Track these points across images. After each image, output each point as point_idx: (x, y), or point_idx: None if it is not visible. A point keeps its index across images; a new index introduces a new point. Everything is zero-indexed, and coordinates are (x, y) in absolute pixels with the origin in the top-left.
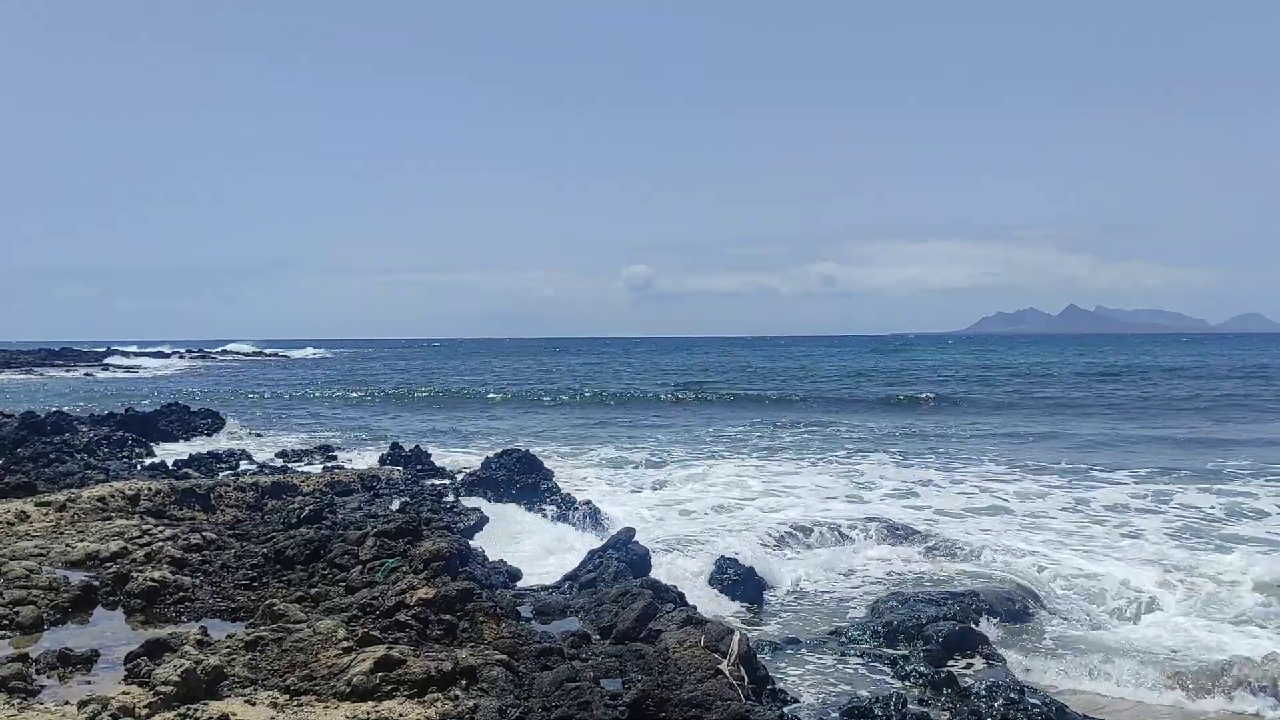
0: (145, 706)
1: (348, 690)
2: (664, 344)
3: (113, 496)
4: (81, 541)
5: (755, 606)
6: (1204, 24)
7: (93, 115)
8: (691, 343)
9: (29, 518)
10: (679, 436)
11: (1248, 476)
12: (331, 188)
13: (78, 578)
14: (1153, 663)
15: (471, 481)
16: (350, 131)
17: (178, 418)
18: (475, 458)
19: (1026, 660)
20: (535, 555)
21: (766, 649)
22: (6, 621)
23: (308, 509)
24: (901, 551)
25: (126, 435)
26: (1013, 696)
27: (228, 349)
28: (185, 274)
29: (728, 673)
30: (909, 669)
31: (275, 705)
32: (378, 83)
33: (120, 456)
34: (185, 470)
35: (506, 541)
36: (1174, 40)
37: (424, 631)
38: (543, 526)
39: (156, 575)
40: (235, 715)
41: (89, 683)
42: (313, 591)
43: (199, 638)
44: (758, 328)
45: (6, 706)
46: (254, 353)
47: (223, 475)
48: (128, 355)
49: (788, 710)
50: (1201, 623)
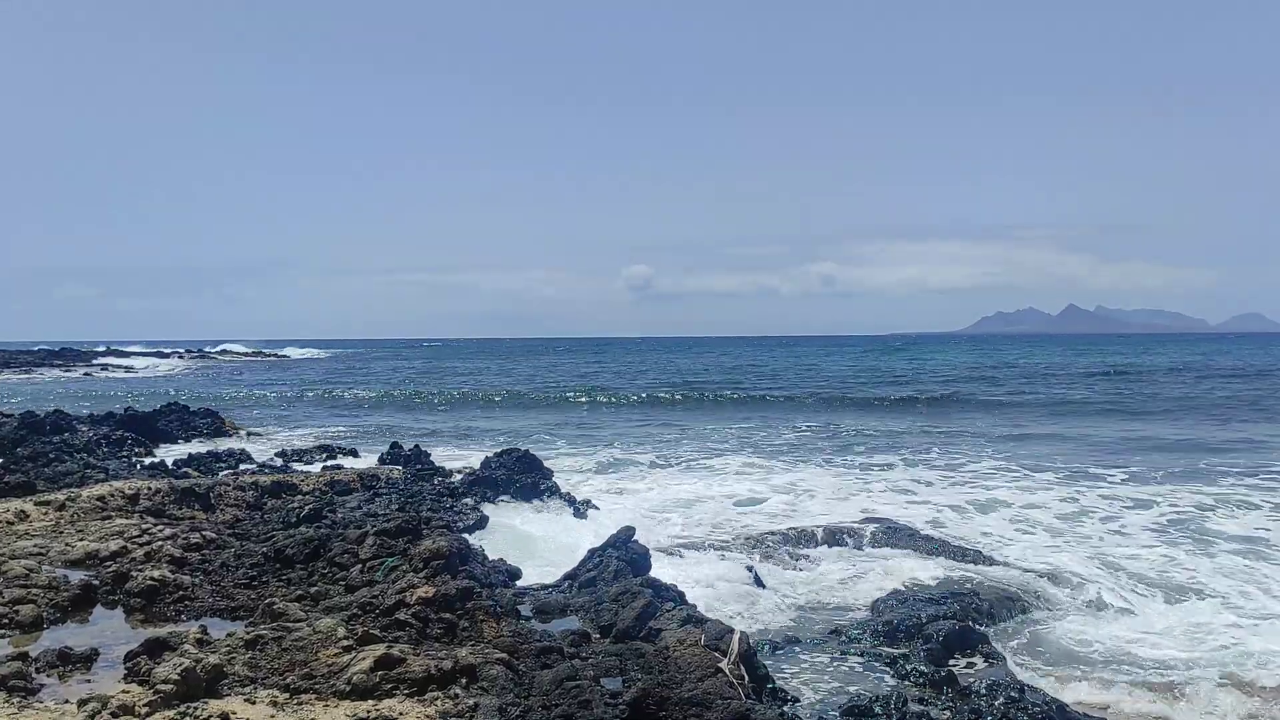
0: (145, 705)
1: (348, 689)
2: (663, 344)
3: (112, 496)
4: (81, 541)
5: (755, 605)
6: (1204, 24)
7: (93, 115)
8: (691, 343)
9: (28, 517)
10: (681, 436)
11: (1245, 477)
12: (331, 188)
13: (77, 577)
14: (1153, 662)
15: (471, 481)
16: (350, 131)
17: (177, 418)
18: (475, 457)
19: (1027, 659)
20: (535, 554)
21: (767, 648)
22: (6, 620)
23: (307, 508)
24: (902, 551)
25: (126, 435)
26: (1013, 695)
27: (227, 349)
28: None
29: (728, 671)
30: (909, 668)
31: (275, 704)
32: (378, 83)
33: (120, 456)
34: (185, 470)
35: (506, 540)
36: (1174, 40)
37: (424, 630)
38: (542, 525)
39: (156, 574)
40: (235, 714)
41: (89, 681)
42: (312, 590)
43: (199, 636)
44: (758, 328)
45: (6, 705)
46: (253, 353)
47: (222, 475)
48: (127, 355)
49: (788, 709)
50: (1205, 624)
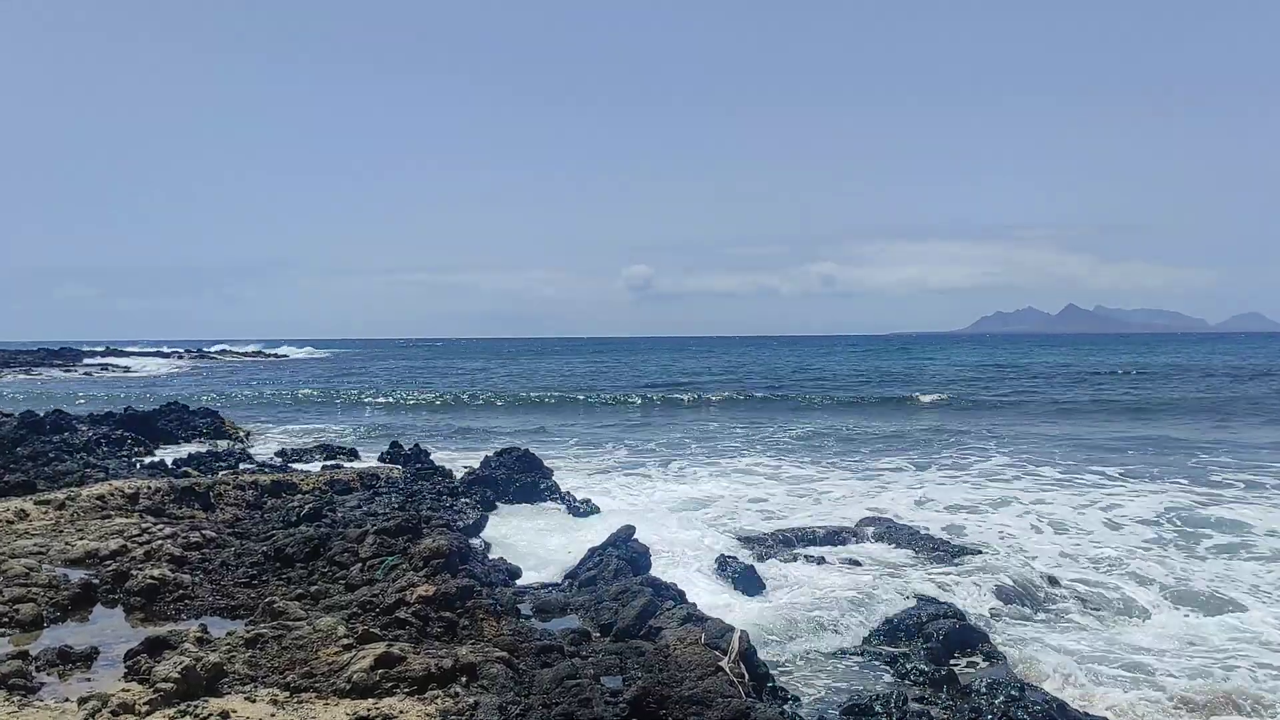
0: (145, 703)
1: (348, 687)
2: (664, 343)
3: (112, 495)
4: (81, 540)
5: (755, 604)
6: (1204, 24)
7: (93, 115)
8: (692, 342)
9: (28, 516)
10: (684, 436)
11: (1251, 477)
12: (331, 188)
13: (77, 576)
14: (1153, 661)
15: (471, 480)
16: (350, 131)
17: (177, 417)
18: (475, 457)
19: (1027, 658)
20: (535, 553)
21: (767, 646)
22: (6, 619)
23: (307, 507)
24: (903, 550)
25: (125, 435)
26: (1013, 694)
27: (227, 349)
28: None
29: (728, 670)
30: (909, 667)
31: (275, 702)
32: (378, 83)
33: (119, 455)
34: (184, 469)
35: (505, 539)
36: (1174, 40)
37: (424, 629)
38: (542, 525)
39: (156, 573)
40: (235, 712)
41: (89, 680)
42: (312, 589)
43: (199, 635)
44: (758, 327)
45: (7, 704)
46: (253, 352)
47: (222, 474)
48: (127, 355)
49: (788, 707)
50: (1204, 624)
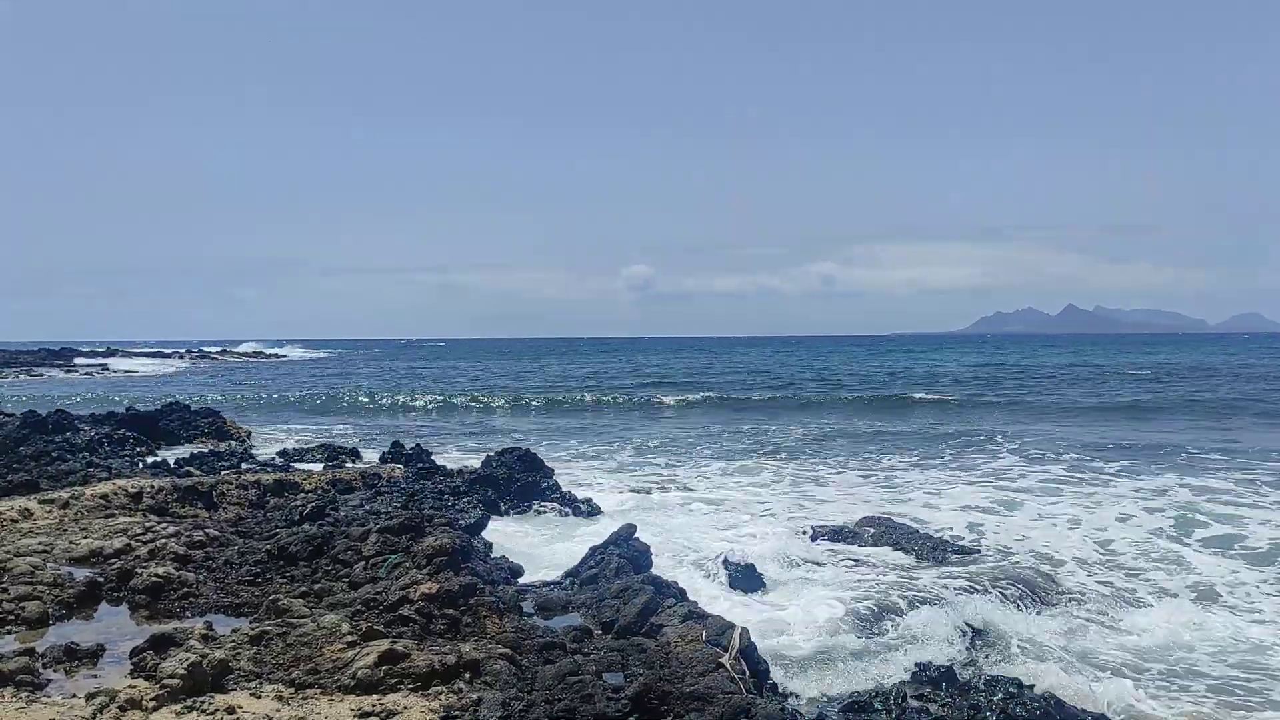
0: (152, 699)
1: (352, 683)
2: (665, 344)
3: (116, 494)
4: (85, 538)
5: (756, 601)
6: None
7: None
8: (693, 343)
9: (33, 515)
10: (684, 436)
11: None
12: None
13: (82, 574)
14: (1154, 661)
15: (473, 479)
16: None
17: (179, 417)
18: (477, 457)
19: (1027, 655)
20: (536, 552)
21: (767, 643)
22: (12, 617)
23: (310, 506)
24: (906, 547)
25: (128, 434)
26: (1011, 691)
27: (228, 349)
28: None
29: (729, 666)
30: (910, 663)
31: (280, 698)
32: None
33: (122, 455)
34: (187, 469)
35: (508, 538)
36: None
37: (427, 626)
38: (543, 524)
39: (160, 571)
40: (241, 708)
41: (95, 676)
42: (316, 587)
43: (204, 632)
44: (759, 328)
45: (14, 699)
46: (254, 353)
47: (224, 473)
48: (128, 356)
49: (789, 703)
50: (1206, 623)
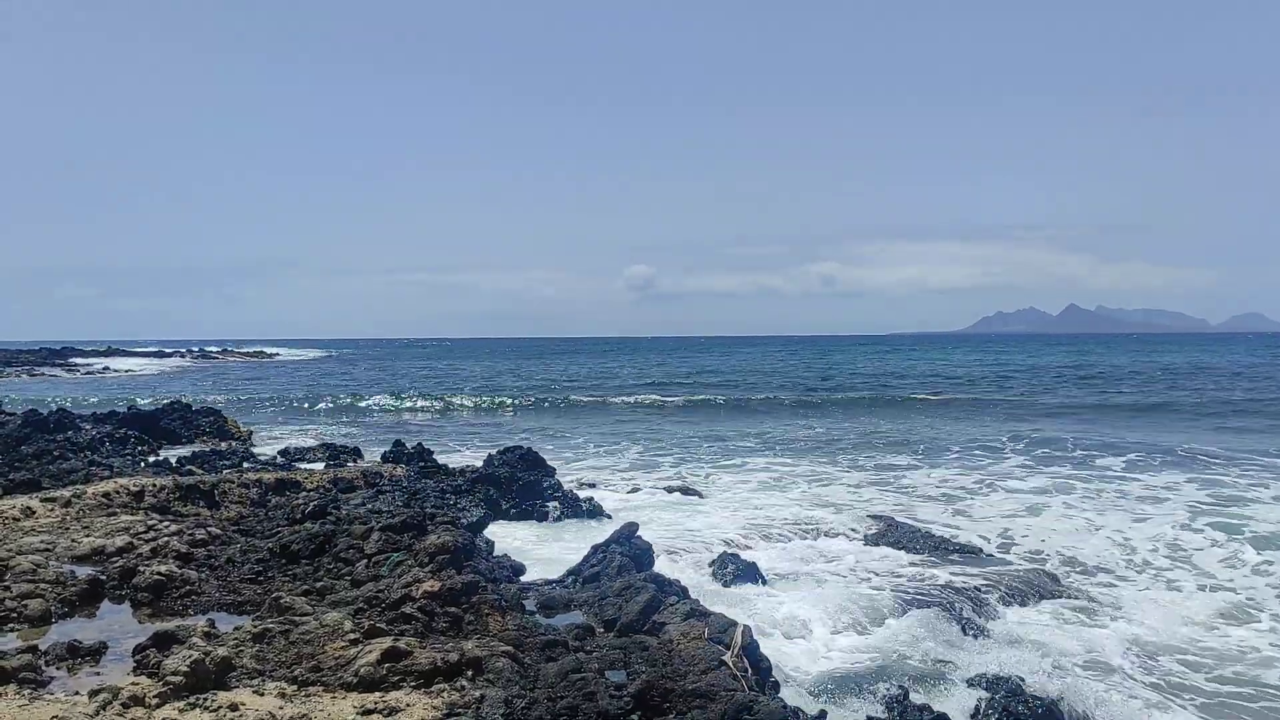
0: (155, 696)
1: (355, 681)
2: (665, 344)
3: (117, 492)
4: (87, 537)
5: (759, 600)
6: (1204, 24)
7: (93, 115)
8: (694, 343)
9: (35, 513)
10: (686, 436)
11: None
12: (332, 187)
13: (84, 572)
14: (1159, 659)
15: (475, 478)
16: (350, 131)
17: (180, 417)
18: (478, 455)
19: (1030, 654)
20: (538, 550)
21: (769, 641)
22: (15, 614)
23: (312, 504)
24: (907, 546)
25: (129, 433)
26: (1012, 689)
27: (229, 349)
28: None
29: (731, 664)
30: (910, 661)
31: (283, 695)
32: (378, 83)
33: (124, 454)
34: (189, 467)
35: (510, 536)
36: (1174, 40)
37: (430, 624)
38: (545, 522)
39: (163, 569)
40: (244, 705)
41: (98, 674)
42: (318, 585)
43: (206, 630)
44: (759, 327)
45: (18, 696)
46: (255, 353)
47: (226, 472)
48: (129, 355)
49: (790, 701)
50: (1210, 622)
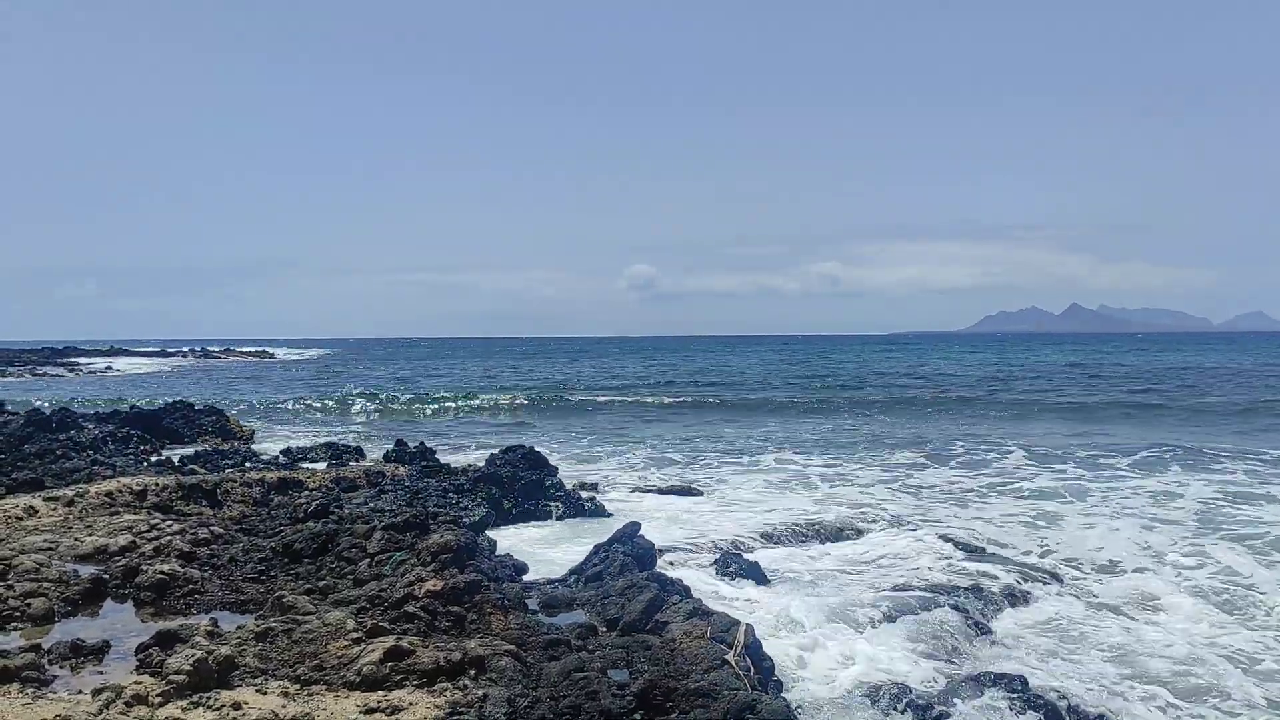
0: (158, 695)
1: (357, 680)
2: (668, 343)
3: (120, 492)
4: (90, 536)
5: (762, 598)
6: (1204, 24)
7: (94, 115)
8: (696, 342)
9: (37, 513)
10: (690, 436)
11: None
12: (333, 187)
13: (87, 571)
14: (1160, 659)
15: (477, 477)
16: (350, 131)
17: (182, 416)
18: (480, 455)
19: (1034, 653)
20: (541, 549)
21: (773, 639)
22: (18, 614)
23: (314, 504)
24: (917, 545)
25: (132, 433)
26: (1016, 688)
27: (231, 349)
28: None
29: (734, 663)
30: (914, 659)
31: (286, 694)
32: (378, 83)
33: (126, 453)
34: (191, 466)
35: (512, 536)
36: (1175, 40)
37: (432, 623)
38: (548, 522)
39: (165, 568)
40: (247, 704)
41: (101, 673)
42: (321, 584)
43: (209, 629)
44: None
45: (21, 695)
46: (257, 352)
47: (228, 471)
48: (132, 355)
49: (794, 701)
50: (1221, 622)
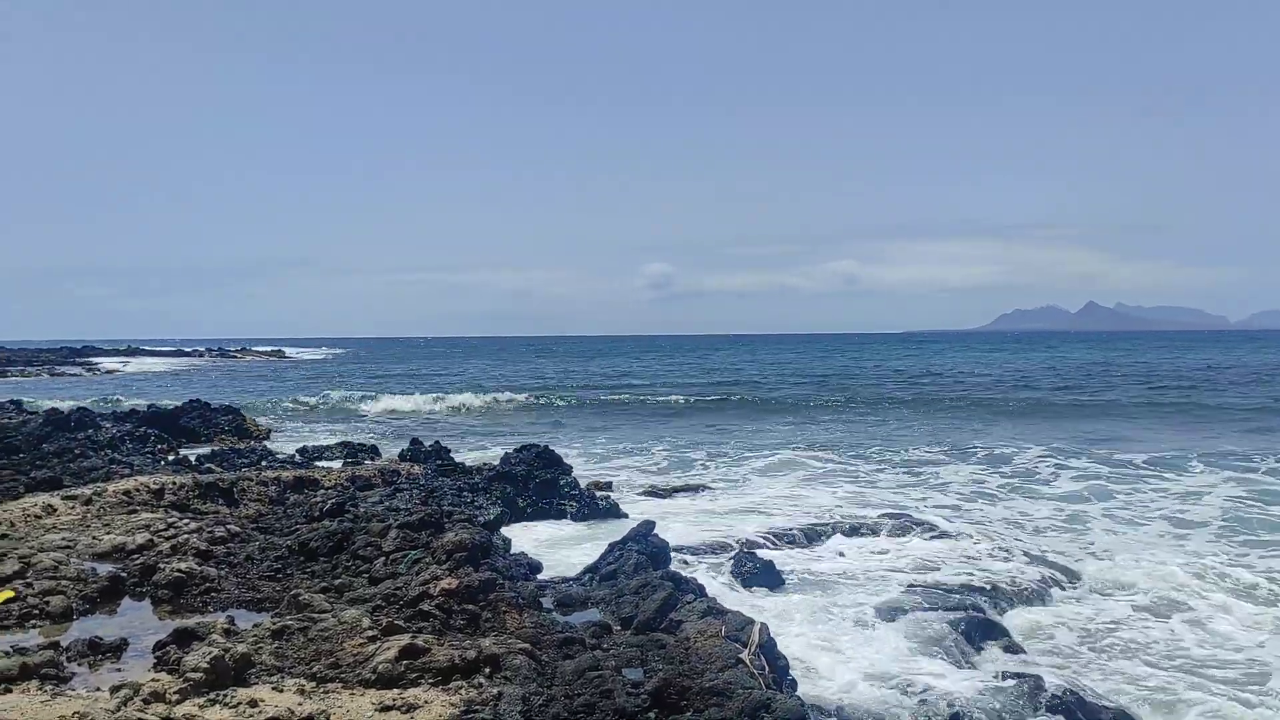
0: (176, 692)
1: (373, 678)
2: (685, 342)
3: (138, 490)
4: (108, 534)
5: (776, 598)
6: (1223, 21)
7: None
8: (714, 340)
9: (56, 511)
10: (705, 435)
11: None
12: (333, 187)
13: (105, 569)
14: (1167, 659)
15: (491, 476)
16: (352, 132)
17: (199, 415)
18: (495, 454)
19: (1052, 653)
20: (555, 548)
21: (786, 637)
22: (37, 611)
23: (330, 502)
24: (924, 543)
25: (149, 432)
26: (1030, 686)
27: (248, 348)
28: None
29: (748, 662)
30: (932, 658)
31: (302, 692)
32: (378, 83)
33: (144, 452)
34: (208, 465)
35: (526, 534)
36: (1190, 38)
37: (447, 621)
38: (562, 520)
39: (183, 566)
40: (264, 701)
41: (119, 670)
42: (336, 582)
43: (226, 627)
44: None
45: (40, 693)
46: (273, 351)
47: (245, 470)
48: (150, 354)
49: (808, 698)
50: (1244, 619)
